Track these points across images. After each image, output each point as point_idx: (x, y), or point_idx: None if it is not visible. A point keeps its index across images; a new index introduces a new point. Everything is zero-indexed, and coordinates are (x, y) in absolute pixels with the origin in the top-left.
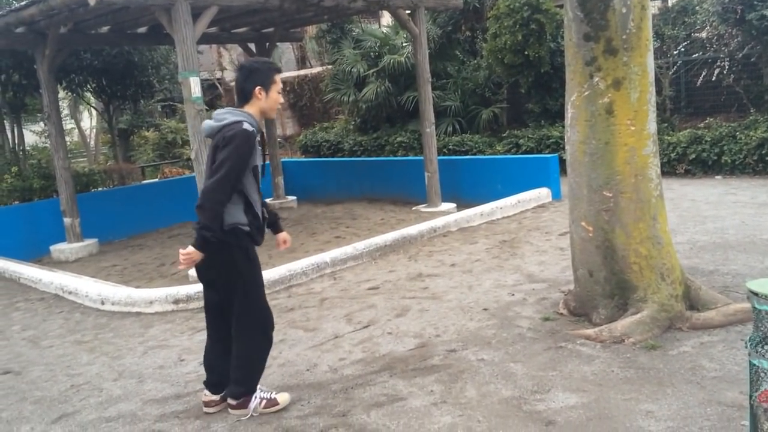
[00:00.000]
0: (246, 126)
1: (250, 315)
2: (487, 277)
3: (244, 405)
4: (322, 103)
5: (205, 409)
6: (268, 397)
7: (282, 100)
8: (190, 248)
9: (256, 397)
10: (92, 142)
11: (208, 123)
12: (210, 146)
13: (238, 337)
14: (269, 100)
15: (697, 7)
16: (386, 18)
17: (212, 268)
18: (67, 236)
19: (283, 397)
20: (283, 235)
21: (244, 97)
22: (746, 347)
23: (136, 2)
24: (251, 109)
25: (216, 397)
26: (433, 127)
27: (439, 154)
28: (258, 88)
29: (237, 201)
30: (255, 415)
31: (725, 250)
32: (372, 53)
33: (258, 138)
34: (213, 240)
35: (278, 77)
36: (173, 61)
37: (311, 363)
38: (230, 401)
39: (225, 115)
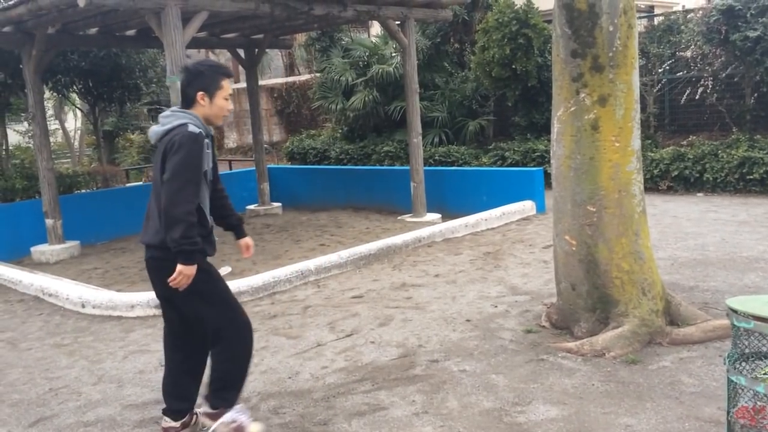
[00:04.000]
0: (191, 128)
1: (221, 328)
2: (471, 289)
3: (216, 417)
4: (310, 111)
5: None
6: (243, 420)
7: (230, 107)
8: (179, 268)
9: (229, 418)
10: (77, 144)
11: (153, 129)
12: (157, 152)
13: (213, 351)
14: (213, 107)
15: (683, 27)
16: (376, 28)
17: (167, 285)
18: (49, 238)
19: (256, 427)
20: (245, 241)
21: (187, 102)
22: (725, 363)
23: (126, 5)
24: (196, 113)
25: (177, 424)
26: (420, 137)
27: (425, 165)
28: (200, 93)
29: None
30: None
31: (705, 267)
32: (361, 62)
33: (207, 140)
34: (160, 257)
35: (226, 82)
36: (161, 64)
37: (293, 371)
38: (206, 410)
39: (169, 118)
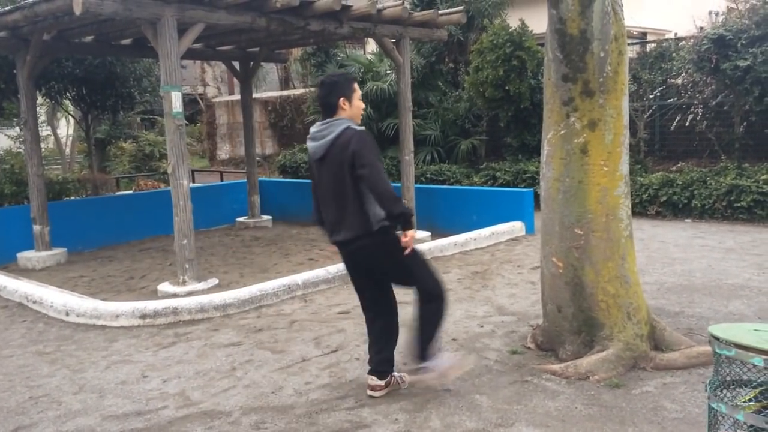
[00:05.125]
0: (357, 127)
1: (430, 286)
2: (458, 307)
3: (431, 369)
4: (303, 125)
5: (371, 393)
6: (452, 359)
7: (363, 105)
8: (407, 233)
9: (446, 362)
10: (68, 150)
11: (316, 144)
12: (328, 161)
13: (425, 308)
14: (353, 108)
15: (674, 54)
16: (371, 45)
17: (379, 262)
18: (36, 244)
19: (467, 360)
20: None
21: (330, 110)
22: (706, 390)
23: (123, 14)
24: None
25: (381, 383)
26: (412, 155)
27: (416, 183)
28: (342, 99)
29: (372, 199)
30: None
31: (691, 293)
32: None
33: None
34: (367, 243)
35: (356, 85)
36: (156, 74)
37: (277, 385)
38: (414, 366)
39: (328, 128)
